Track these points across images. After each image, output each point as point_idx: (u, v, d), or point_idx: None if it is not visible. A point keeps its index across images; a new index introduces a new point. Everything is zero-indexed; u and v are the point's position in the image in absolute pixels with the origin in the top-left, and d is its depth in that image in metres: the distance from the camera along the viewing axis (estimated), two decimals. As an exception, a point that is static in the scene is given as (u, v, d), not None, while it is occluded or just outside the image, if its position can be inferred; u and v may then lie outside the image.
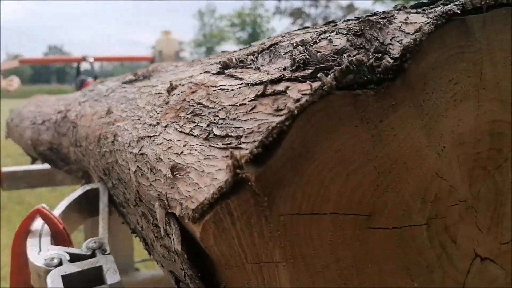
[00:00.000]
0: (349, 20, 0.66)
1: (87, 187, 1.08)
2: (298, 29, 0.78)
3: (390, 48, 0.50)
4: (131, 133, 0.78)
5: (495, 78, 0.56)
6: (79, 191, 1.06)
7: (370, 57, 0.49)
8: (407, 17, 0.54)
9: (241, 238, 0.48)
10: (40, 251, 0.87)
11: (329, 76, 0.47)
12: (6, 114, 2.46)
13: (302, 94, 0.47)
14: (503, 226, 0.62)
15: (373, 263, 0.53)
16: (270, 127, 0.46)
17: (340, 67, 0.47)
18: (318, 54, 0.53)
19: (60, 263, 0.82)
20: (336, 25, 0.66)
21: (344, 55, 0.51)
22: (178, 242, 0.52)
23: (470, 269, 0.60)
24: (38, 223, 0.93)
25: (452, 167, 0.56)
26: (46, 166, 2.00)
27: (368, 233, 0.52)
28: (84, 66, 4.87)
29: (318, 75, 0.47)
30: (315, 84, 0.47)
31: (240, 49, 0.87)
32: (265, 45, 0.70)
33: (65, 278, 0.79)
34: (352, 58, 0.47)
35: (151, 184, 0.63)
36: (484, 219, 0.60)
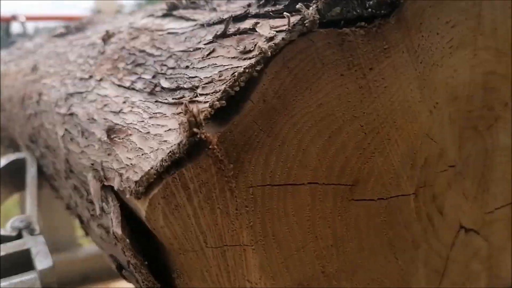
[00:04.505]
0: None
1: (12, 157, 0.93)
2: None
3: (384, -22, 0.40)
4: (59, 90, 0.65)
5: (493, 23, 0.49)
6: (2, 161, 0.91)
7: (360, -13, 0.39)
8: None
9: (199, 217, 0.38)
10: (-49, 233, 0.73)
11: (311, 8, 0.36)
12: None
13: (277, 31, 0.37)
14: (489, 193, 0.56)
15: (355, 241, 0.45)
16: (236, 74, 0.36)
17: (324, -3, 0.37)
18: (293, -15, 0.42)
19: (-23, 247, 0.69)
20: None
21: (325, -14, 0.41)
22: (118, 223, 0.41)
23: (455, 242, 0.54)
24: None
25: (444, 127, 0.48)
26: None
27: (351, 206, 0.44)
28: (16, 28, 4.44)
29: (297, 7, 0.36)
30: (294, 18, 0.36)
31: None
32: (222, -16, 0.58)
33: (-17, 265, 0.66)
34: (339, -14, 0.37)
35: (82, 150, 0.51)
36: (471, 186, 0.54)
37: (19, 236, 0.74)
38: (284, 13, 0.36)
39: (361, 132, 0.42)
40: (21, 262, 0.70)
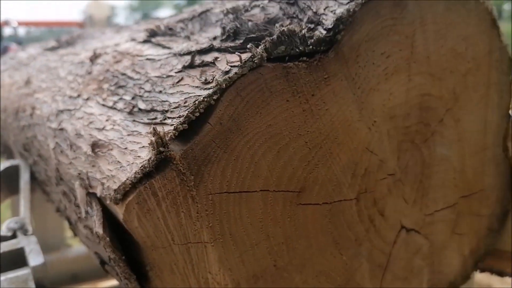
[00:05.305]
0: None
1: (7, 163, 1.00)
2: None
3: (324, 19, 0.48)
4: (50, 106, 0.72)
5: (426, 52, 0.56)
6: (-2, 168, 0.98)
7: (303, 27, 0.47)
8: (341, -13, 0.52)
9: (167, 219, 0.45)
10: (-48, 234, 0.80)
11: (260, 47, 0.44)
12: None
13: (231, 66, 0.45)
14: (428, 198, 0.64)
15: (303, 239, 0.53)
16: (197, 101, 0.43)
17: (271, 38, 0.45)
18: (250, 23, 0.50)
19: (-25, 246, 0.75)
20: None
21: (276, 24, 0.49)
22: (100, 224, 0.48)
23: (397, 240, 0.62)
24: None
25: (383, 141, 0.56)
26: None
27: (299, 209, 0.52)
28: (8, 31, 4.49)
29: (248, 46, 0.44)
30: (245, 56, 0.44)
31: (171, 16, 0.82)
32: (196, 12, 0.66)
33: (-18, 262, 0.72)
34: (284, 28, 0.45)
35: (71, 162, 0.58)
36: (410, 192, 0.61)
37: (13, 236, 0.81)
38: (236, 52, 0.44)
39: (305, 147, 0.50)
40: (16, 260, 0.77)
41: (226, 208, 0.47)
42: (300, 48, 0.46)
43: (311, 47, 0.47)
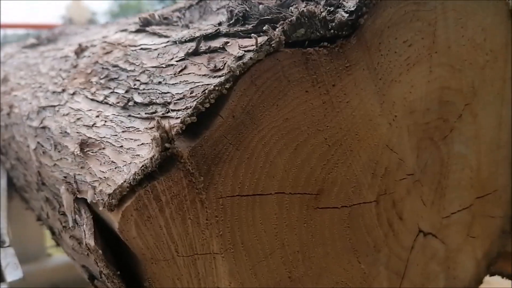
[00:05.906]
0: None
1: (-20, 168, 0.92)
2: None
3: (344, 1, 0.43)
4: (30, 103, 0.65)
5: (447, 42, 0.52)
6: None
7: (322, 10, 0.42)
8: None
9: (170, 228, 0.39)
10: None
11: (277, 29, 0.39)
12: None
13: (245, 51, 0.39)
14: (445, 199, 0.60)
15: (320, 246, 0.48)
16: (206, 91, 0.38)
17: (290, 20, 0.39)
18: (260, 6, 0.45)
19: None
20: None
21: (290, 7, 0.44)
22: (91, 235, 0.42)
23: (414, 245, 0.57)
24: None
25: (403, 138, 0.51)
26: None
27: (316, 214, 0.46)
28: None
29: (264, 28, 0.39)
30: (261, 39, 0.39)
31: (163, 7, 0.76)
32: (194, 1, 0.60)
33: (-50, 279, 0.65)
34: (303, 9, 0.40)
35: (55, 164, 0.51)
36: (429, 193, 0.57)
37: (-12, 248, 0.73)
38: (252, 34, 0.39)
39: (325, 144, 0.45)
40: (-9, 275, 0.70)
41: (238, 213, 0.41)
42: (321, 32, 0.41)
43: (332, 31, 0.42)
